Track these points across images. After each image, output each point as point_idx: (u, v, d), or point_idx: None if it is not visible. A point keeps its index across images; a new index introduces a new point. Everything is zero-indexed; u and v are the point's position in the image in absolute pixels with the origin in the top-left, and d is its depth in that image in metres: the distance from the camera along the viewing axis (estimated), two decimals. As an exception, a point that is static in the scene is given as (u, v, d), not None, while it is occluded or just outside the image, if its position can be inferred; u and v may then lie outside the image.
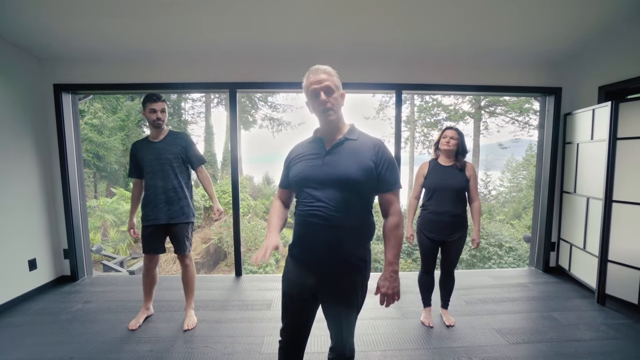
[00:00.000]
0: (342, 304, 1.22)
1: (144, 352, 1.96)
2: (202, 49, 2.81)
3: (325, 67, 1.19)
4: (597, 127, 2.67)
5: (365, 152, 1.18)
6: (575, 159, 2.97)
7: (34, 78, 2.84)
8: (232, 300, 2.70)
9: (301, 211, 1.20)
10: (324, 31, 2.55)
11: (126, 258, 8.83)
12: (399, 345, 2.05)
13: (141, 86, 2.99)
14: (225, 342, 2.07)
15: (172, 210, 2.16)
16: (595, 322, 2.30)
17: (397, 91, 3.12)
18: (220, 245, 10.13)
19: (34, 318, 2.40)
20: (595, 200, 2.69)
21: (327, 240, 1.15)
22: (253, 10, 2.27)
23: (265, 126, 15.43)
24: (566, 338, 2.10)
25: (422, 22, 2.46)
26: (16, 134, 2.66)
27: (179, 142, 2.21)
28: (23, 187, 2.72)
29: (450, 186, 2.10)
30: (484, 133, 14.30)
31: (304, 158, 1.24)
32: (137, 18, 2.32)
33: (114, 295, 2.78)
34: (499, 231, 9.88)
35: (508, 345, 2.03)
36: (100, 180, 12.16)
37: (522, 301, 2.67)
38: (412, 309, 2.51)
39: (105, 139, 10.88)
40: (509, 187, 17.15)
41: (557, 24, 2.48)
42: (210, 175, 2.44)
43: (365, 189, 1.18)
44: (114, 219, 9.73)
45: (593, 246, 2.70)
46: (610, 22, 2.45)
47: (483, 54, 2.95)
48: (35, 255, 2.80)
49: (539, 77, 3.15)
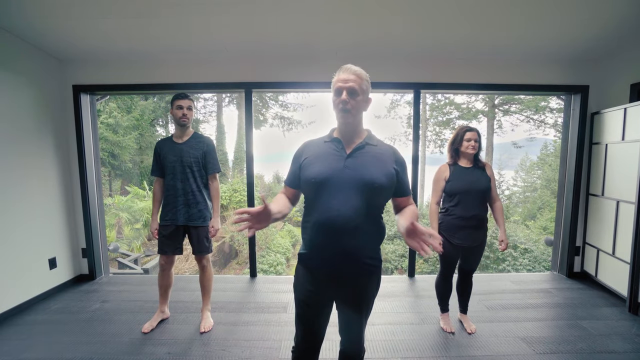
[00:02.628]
0: (362, 306, 1.22)
1: (162, 355, 1.96)
2: (218, 50, 2.79)
3: (356, 69, 1.16)
4: (630, 127, 2.53)
5: (387, 158, 1.18)
6: (604, 161, 2.84)
7: (55, 79, 2.88)
8: (247, 302, 2.68)
9: (318, 219, 1.14)
10: (340, 30, 2.49)
11: (140, 255, 8.98)
12: (419, 353, 1.98)
13: (158, 86, 2.99)
14: (242, 346, 2.05)
15: (190, 212, 2.17)
16: (629, 333, 2.18)
17: (415, 90, 3.04)
18: (231, 244, 10.20)
19: (54, 317, 2.43)
20: (626, 203, 2.56)
21: (348, 246, 1.12)
22: (270, 11, 2.23)
23: (275, 125, 15.44)
24: (597, 349, 2.00)
25: (443, 20, 2.36)
26: (38, 133, 2.70)
27: (201, 146, 2.20)
28: (43, 186, 2.76)
29: (477, 189, 2.01)
30: (497, 132, 13.98)
31: (321, 159, 1.18)
32: (155, 20, 2.31)
33: (131, 295, 2.80)
34: (514, 232, 9.64)
35: (535, 355, 1.94)
36: (114, 178, 12.40)
37: (546, 308, 2.56)
38: (432, 314, 2.44)
39: (120, 138, 11.08)
40: (523, 187, 16.73)
41: (585, 20, 2.34)
42: (221, 173, 2.43)
43: (386, 194, 1.18)
44: (129, 216, 9.90)
45: (623, 251, 2.57)
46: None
47: (505, 52, 2.83)
48: (55, 254, 2.85)
49: (565, 75, 3.01)
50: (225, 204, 11.04)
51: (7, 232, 2.42)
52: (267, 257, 9.18)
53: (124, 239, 9.84)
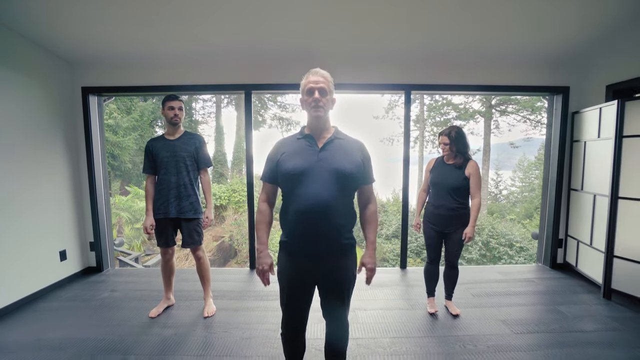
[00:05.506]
0: (343, 285, 1.36)
1: (168, 335, 2.12)
2: (219, 53, 2.96)
3: (324, 72, 1.34)
4: (604, 125, 2.72)
5: (354, 150, 1.35)
6: (583, 157, 3.02)
7: (65, 81, 3.05)
8: (247, 291, 2.85)
9: (298, 207, 1.27)
10: (334, 34, 2.67)
11: (140, 254, 9.12)
12: (407, 333, 2.16)
13: (161, 88, 3.16)
14: (243, 328, 2.22)
15: (181, 205, 2.30)
16: (600, 315, 2.36)
17: (406, 91, 3.22)
18: (231, 243, 10.35)
19: (66, 304, 2.60)
20: (601, 197, 2.74)
21: (327, 229, 1.28)
22: (268, 16, 2.41)
23: (274, 126, 15.55)
24: (569, 329, 2.18)
25: (431, 24, 2.55)
26: (49, 132, 2.87)
27: (193, 142, 2.36)
28: (54, 183, 2.92)
29: (446, 183, 2.27)
30: (494, 132, 14.14)
31: (297, 153, 1.32)
32: (161, 25, 2.48)
33: (137, 285, 2.96)
34: (510, 231, 9.82)
35: (512, 335, 2.12)
36: (114, 179, 12.53)
37: (527, 295, 2.74)
38: (421, 301, 2.61)
39: (120, 139, 11.21)
40: (521, 187, 16.90)
41: (565, 25, 2.54)
42: (220, 174, 2.59)
43: (355, 182, 1.35)
44: (129, 216, 10.05)
45: (599, 242, 2.75)
46: (618, 21, 2.49)
47: (492, 55, 3.02)
48: (65, 247, 3.01)
49: (547, 76, 3.20)
50: (225, 204, 11.18)
51: (22, 225, 2.58)
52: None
53: (125, 238, 9.98)
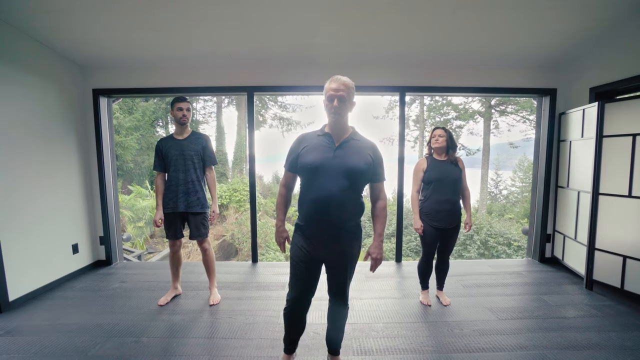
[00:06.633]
0: (347, 264, 1.56)
1: (177, 321, 2.28)
2: (222, 56, 3.11)
3: (345, 79, 1.47)
4: (587, 126, 2.87)
5: (366, 150, 1.52)
6: (569, 156, 3.18)
7: (77, 84, 3.21)
8: (250, 282, 3.01)
9: (313, 196, 1.47)
10: (332, 38, 2.83)
11: (143, 252, 9.29)
12: (400, 319, 2.32)
13: (167, 90, 3.32)
14: (246, 315, 2.38)
15: (189, 200, 2.47)
16: (581, 304, 2.52)
17: (400, 93, 3.38)
18: (231, 242, 10.51)
19: (80, 293, 2.76)
20: (584, 193, 2.90)
21: (336, 217, 1.47)
22: (268, 20, 2.57)
23: (275, 126, 15.70)
24: (551, 316, 2.33)
25: (425, 30, 2.70)
26: (62, 132, 3.03)
27: (200, 141, 2.53)
28: (67, 180, 3.09)
29: (449, 177, 2.35)
30: (494, 132, 14.28)
31: (316, 149, 1.49)
32: (169, 31, 2.65)
33: (146, 277, 3.12)
34: (508, 230, 9.97)
35: (497, 320, 2.28)
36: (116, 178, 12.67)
37: (515, 286, 2.90)
38: (413, 291, 2.77)
39: (122, 139, 11.37)
40: (521, 187, 17.00)
41: (553, 31, 2.70)
42: (221, 173, 2.75)
43: (365, 178, 1.51)
44: (132, 215, 10.21)
45: (583, 236, 2.91)
46: (602, 28, 2.64)
47: (484, 59, 3.18)
48: (77, 241, 3.17)
49: (536, 79, 3.36)
50: (226, 203, 11.34)
51: (38, 219, 2.74)
52: (266, 255, 9.50)
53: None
